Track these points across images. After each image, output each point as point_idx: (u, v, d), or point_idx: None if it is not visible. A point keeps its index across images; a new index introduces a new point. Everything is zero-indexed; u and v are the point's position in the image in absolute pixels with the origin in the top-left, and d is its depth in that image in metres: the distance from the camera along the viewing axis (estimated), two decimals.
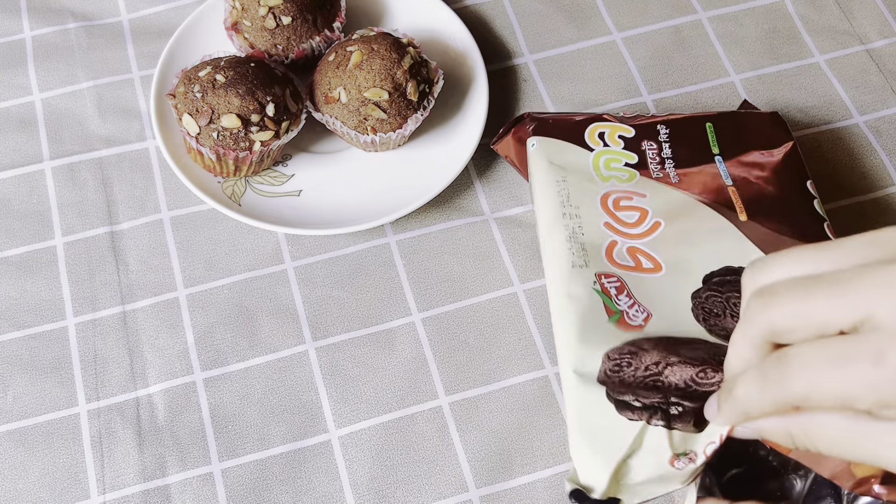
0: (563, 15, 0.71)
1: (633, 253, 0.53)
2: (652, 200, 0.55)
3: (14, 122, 0.66)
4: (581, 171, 0.57)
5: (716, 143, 0.58)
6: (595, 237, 0.54)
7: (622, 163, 0.57)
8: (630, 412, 0.46)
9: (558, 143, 0.58)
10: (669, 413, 0.46)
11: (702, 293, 0.52)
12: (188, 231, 0.62)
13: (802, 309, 0.36)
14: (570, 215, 0.55)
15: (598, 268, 0.53)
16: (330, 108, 0.60)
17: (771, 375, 0.37)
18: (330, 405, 0.56)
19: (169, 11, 0.71)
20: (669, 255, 0.53)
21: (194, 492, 0.53)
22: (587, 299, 0.52)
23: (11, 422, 0.55)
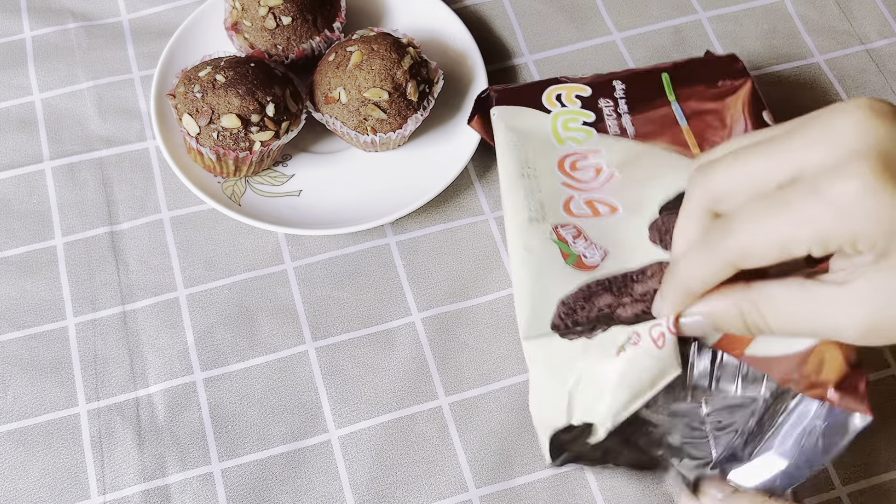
0: (563, 15, 0.71)
1: (590, 203, 0.54)
2: (608, 155, 0.56)
3: (14, 122, 0.66)
4: (539, 134, 0.58)
5: (671, 90, 0.59)
6: (552, 193, 0.55)
7: (580, 122, 0.58)
8: (572, 335, 0.47)
9: (517, 109, 0.59)
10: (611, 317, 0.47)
11: (659, 220, 0.52)
12: (188, 231, 0.62)
13: (739, 170, 0.37)
14: (528, 175, 0.55)
15: (555, 220, 0.53)
16: (330, 109, 0.60)
17: (711, 238, 0.38)
18: (330, 405, 0.56)
19: (169, 11, 0.71)
20: (626, 198, 0.54)
21: (194, 492, 0.53)
22: (544, 250, 0.52)
23: (11, 422, 0.55)
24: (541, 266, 0.52)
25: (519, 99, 0.60)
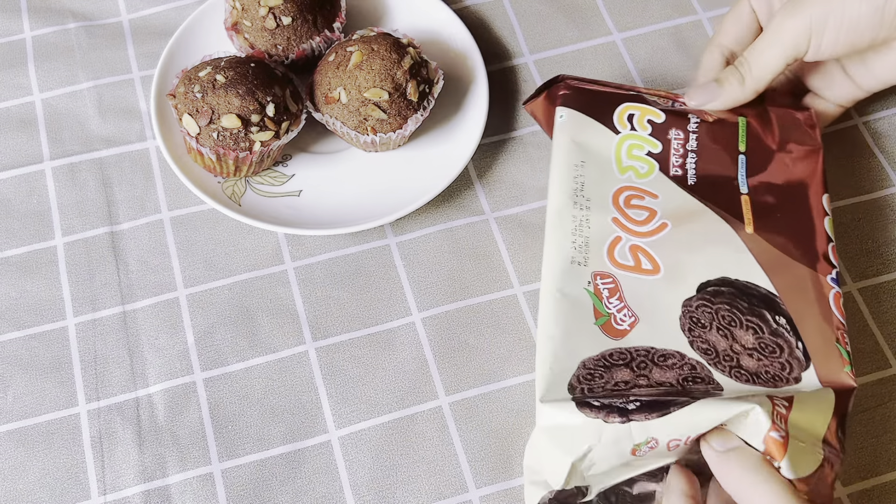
0: (563, 15, 0.71)
1: (634, 252, 0.53)
2: (663, 202, 0.55)
3: (14, 122, 0.66)
4: (602, 157, 0.57)
5: (744, 139, 0.57)
6: (600, 232, 0.54)
7: (644, 150, 0.57)
8: (588, 409, 0.47)
9: (586, 119, 0.58)
10: (627, 409, 0.46)
11: (693, 301, 0.52)
12: (188, 231, 0.62)
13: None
14: (581, 206, 0.55)
15: (597, 266, 0.53)
16: (330, 109, 0.60)
17: None
18: (330, 405, 0.56)
19: (169, 11, 0.71)
20: (670, 258, 0.53)
21: (194, 492, 0.53)
22: (578, 299, 0.52)
23: (11, 422, 0.55)
24: (572, 319, 0.51)
25: (590, 107, 0.58)
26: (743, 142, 0.57)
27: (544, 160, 0.64)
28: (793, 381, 0.49)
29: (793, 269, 0.53)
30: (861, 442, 0.55)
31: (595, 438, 0.46)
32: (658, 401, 0.46)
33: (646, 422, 0.45)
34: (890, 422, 0.56)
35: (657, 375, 0.49)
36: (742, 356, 0.50)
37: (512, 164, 0.65)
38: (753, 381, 0.49)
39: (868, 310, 0.59)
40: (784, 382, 0.49)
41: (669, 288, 0.52)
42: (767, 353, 0.50)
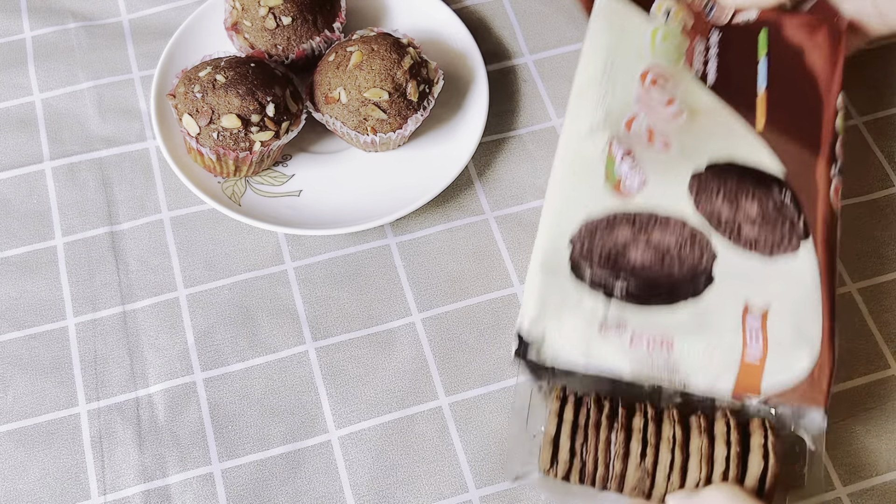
0: (563, 15, 0.71)
1: (650, 130, 0.56)
2: (683, 93, 0.57)
3: (14, 122, 0.66)
4: (636, 40, 0.59)
5: (765, 46, 0.59)
6: (622, 106, 0.57)
7: (675, 43, 0.59)
8: (578, 275, 0.51)
9: (625, 5, 0.61)
10: (612, 288, 0.51)
11: (702, 175, 0.54)
12: (188, 231, 0.62)
13: None
14: (609, 80, 0.57)
15: (614, 134, 0.55)
16: (330, 109, 0.60)
17: None
18: (330, 405, 0.56)
19: (169, 11, 0.71)
20: (682, 141, 0.55)
21: (194, 492, 0.53)
22: (591, 161, 0.55)
23: (11, 422, 0.55)
24: (583, 177, 0.54)
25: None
26: (764, 48, 0.59)
27: (544, 159, 0.64)
28: (790, 250, 0.52)
29: (801, 160, 0.55)
30: (861, 442, 0.55)
31: (574, 299, 0.51)
32: (643, 293, 0.51)
33: (625, 304, 0.50)
34: (890, 422, 0.56)
35: (657, 237, 0.52)
36: (744, 225, 0.53)
37: (512, 163, 0.65)
38: (752, 248, 0.52)
39: (867, 309, 0.59)
40: (782, 251, 0.52)
41: (681, 162, 0.55)
42: (770, 223, 0.53)
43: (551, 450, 0.49)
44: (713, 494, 0.46)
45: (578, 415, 0.49)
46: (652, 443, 0.48)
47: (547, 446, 0.49)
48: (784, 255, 0.52)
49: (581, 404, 0.50)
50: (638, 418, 0.49)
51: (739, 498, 0.45)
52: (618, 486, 0.49)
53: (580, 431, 0.49)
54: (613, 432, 0.49)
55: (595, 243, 0.52)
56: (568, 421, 0.49)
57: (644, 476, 0.48)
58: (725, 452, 0.48)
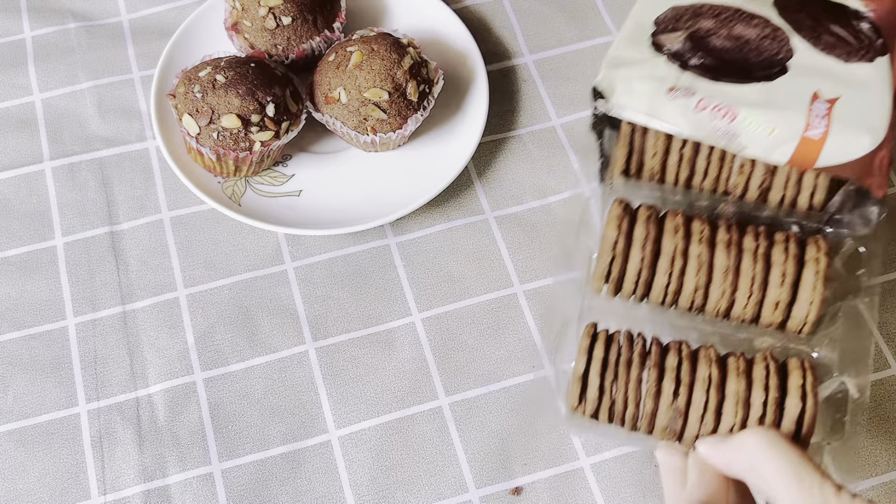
0: (563, 15, 0.71)
1: None
2: None
3: (14, 122, 0.66)
4: None
5: None
6: None
7: None
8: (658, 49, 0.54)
9: None
10: (688, 61, 0.53)
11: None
12: (188, 231, 0.62)
13: None
14: None
15: None
16: (330, 109, 0.60)
17: None
18: (330, 405, 0.56)
19: (169, 11, 0.71)
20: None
21: (194, 492, 0.53)
22: None
23: (11, 422, 0.55)
24: None
25: None
26: None
27: (544, 159, 0.64)
28: (866, 60, 0.53)
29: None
30: (861, 442, 0.55)
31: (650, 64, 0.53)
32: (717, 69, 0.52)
33: (698, 75, 0.52)
34: (890, 422, 0.56)
35: (739, 29, 0.53)
36: (824, 34, 0.54)
37: (512, 163, 0.65)
38: (829, 51, 0.53)
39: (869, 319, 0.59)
40: (857, 59, 0.53)
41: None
42: (849, 35, 0.54)
43: (580, 387, 0.48)
44: (747, 439, 0.44)
45: (609, 352, 0.48)
46: (686, 382, 0.47)
47: (576, 383, 0.48)
48: (859, 62, 0.53)
49: (612, 341, 0.49)
50: (672, 357, 0.48)
51: (775, 443, 0.43)
52: (648, 427, 0.47)
53: (610, 369, 0.47)
54: (645, 370, 0.47)
55: (679, 25, 0.54)
56: (598, 358, 0.48)
57: (676, 416, 0.46)
58: (763, 397, 0.46)
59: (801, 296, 0.49)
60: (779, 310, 0.49)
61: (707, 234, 0.50)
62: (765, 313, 0.50)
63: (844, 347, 0.50)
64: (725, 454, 0.44)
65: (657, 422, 0.47)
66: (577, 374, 0.48)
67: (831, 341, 0.51)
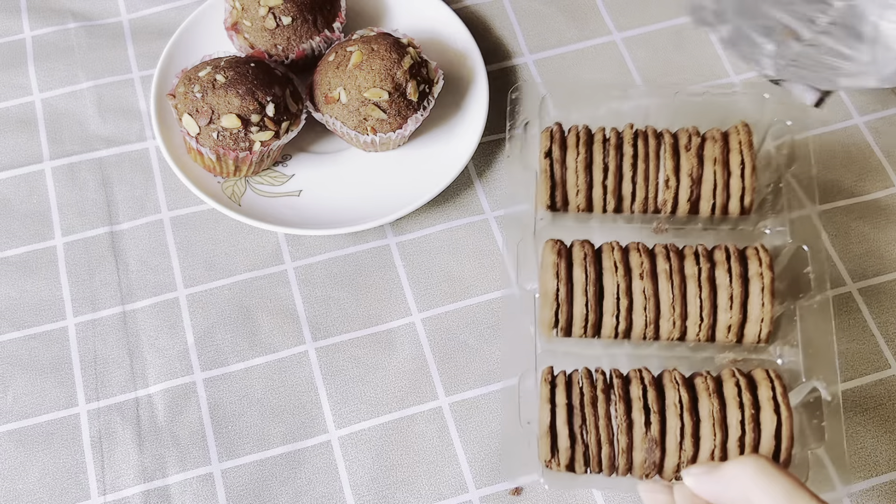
0: (563, 15, 0.71)
1: None
2: None
3: (14, 122, 0.66)
4: None
5: None
6: None
7: None
8: None
9: None
10: None
11: None
12: (188, 231, 0.62)
13: None
14: None
15: None
16: (330, 109, 0.60)
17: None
18: (330, 405, 0.56)
19: (169, 11, 0.71)
20: None
21: (194, 492, 0.53)
22: None
23: (11, 422, 0.55)
24: None
25: None
26: None
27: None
28: None
29: None
30: (861, 442, 0.55)
31: None
32: None
33: None
34: (890, 422, 0.56)
35: None
36: None
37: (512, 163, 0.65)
38: None
39: (868, 310, 0.59)
40: None
41: None
42: None
43: (549, 439, 0.46)
44: (738, 469, 0.42)
45: (571, 395, 0.47)
46: (656, 409, 0.46)
47: (544, 437, 0.46)
48: None
49: (571, 383, 0.47)
50: (635, 386, 0.47)
51: (767, 472, 0.41)
52: (626, 465, 0.46)
53: (576, 413, 0.46)
54: (612, 405, 0.46)
55: None
56: (562, 405, 0.46)
57: (652, 447, 0.45)
58: (740, 416, 0.45)
59: (752, 314, 0.49)
60: (732, 332, 0.50)
61: (647, 266, 0.50)
62: (719, 336, 0.50)
63: (807, 350, 0.50)
64: (715, 486, 0.43)
65: (635, 457, 0.46)
66: (543, 427, 0.46)
67: (792, 346, 0.51)
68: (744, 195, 0.53)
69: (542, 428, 0.47)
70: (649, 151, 0.54)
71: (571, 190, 0.54)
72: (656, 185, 0.54)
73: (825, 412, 0.48)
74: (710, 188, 0.53)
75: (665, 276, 0.49)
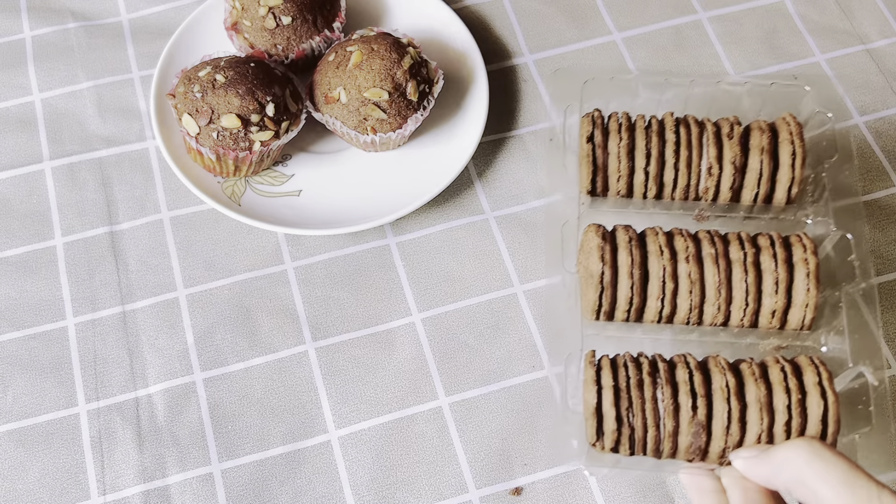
0: (563, 15, 0.71)
1: None
2: None
3: (14, 122, 0.66)
4: None
5: None
6: None
7: None
8: None
9: None
10: None
11: None
12: (188, 231, 0.62)
13: None
14: None
15: None
16: (330, 108, 0.60)
17: None
18: (330, 405, 0.56)
19: (169, 11, 0.71)
20: None
21: (194, 492, 0.53)
22: None
23: (11, 422, 0.55)
24: None
25: None
26: None
27: (544, 159, 0.64)
28: None
29: None
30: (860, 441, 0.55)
31: None
32: None
33: None
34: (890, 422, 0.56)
35: None
36: None
37: (512, 163, 0.65)
38: None
39: (868, 310, 0.59)
40: None
41: None
42: None
43: (595, 421, 0.46)
44: (791, 452, 0.41)
45: (617, 378, 0.46)
46: (702, 394, 0.45)
47: (590, 418, 0.46)
48: None
49: (616, 366, 0.47)
50: (682, 370, 0.46)
51: (822, 455, 0.40)
52: (671, 448, 0.45)
53: (623, 395, 0.46)
54: (658, 388, 0.46)
55: None
56: (608, 387, 0.46)
57: (699, 430, 0.45)
58: (787, 401, 0.45)
59: (796, 300, 0.49)
60: (776, 317, 0.49)
61: (693, 250, 0.50)
62: (762, 321, 0.50)
63: (853, 337, 0.50)
64: (767, 469, 0.42)
65: (680, 440, 0.45)
66: (589, 409, 0.46)
67: (837, 332, 0.51)
68: (792, 185, 0.54)
69: (587, 410, 0.46)
70: (692, 138, 0.54)
71: (613, 175, 0.54)
72: (699, 172, 0.54)
73: (872, 397, 0.48)
74: (754, 177, 0.54)
75: (711, 260, 0.49)
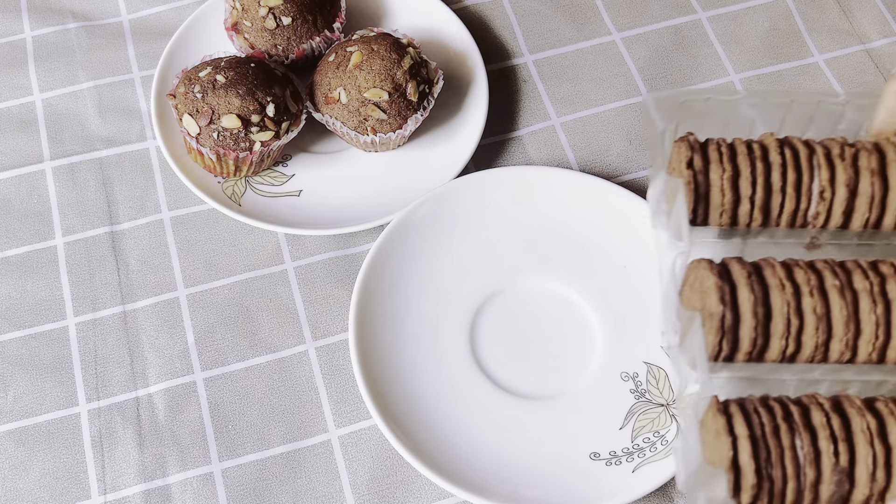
0: (563, 15, 0.71)
1: None
2: None
3: (14, 122, 0.66)
4: None
5: None
6: None
7: None
8: None
9: None
10: None
11: None
12: (188, 231, 0.62)
13: None
14: None
15: None
16: (330, 109, 0.60)
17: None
18: (330, 405, 0.56)
19: (169, 11, 0.71)
20: None
21: (194, 492, 0.53)
22: None
23: (11, 422, 0.55)
24: None
25: None
26: None
27: (543, 160, 0.64)
28: None
29: None
30: None
31: None
32: None
33: None
34: None
35: None
36: None
37: (512, 163, 0.65)
38: None
39: None
40: None
41: None
42: None
43: (732, 476, 0.42)
44: None
45: (752, 426, 0.42)
46: (842, 437, 0.42)
47: (728, 473, 0.42)
48: None
49: (748, 413, 0.43)
50: (817, 413, 0.43)
51: None
52: (812, 499, 0.42)
53: (760, 445, 0.42)
54: (796, 436, 0.42)
55: None
56: (744, 436, 0.42)
57: (842, 479, 0.42)
58: None
59: None
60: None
61: (815, 282, 0.46)
62: (891, 355, 0.46)
63: None
64: None
65: (821, 491, 0.42)
66: (726, 461, 0.42)
67: None
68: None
69: (722, 463, 0.42)
70: (800, 160, 0.50)
71: (715, 209, 0.50)
72: (808, 196, 0.50)
73: None
74: (866, 201, 0.50)
75: (836, 292, 0.45)
